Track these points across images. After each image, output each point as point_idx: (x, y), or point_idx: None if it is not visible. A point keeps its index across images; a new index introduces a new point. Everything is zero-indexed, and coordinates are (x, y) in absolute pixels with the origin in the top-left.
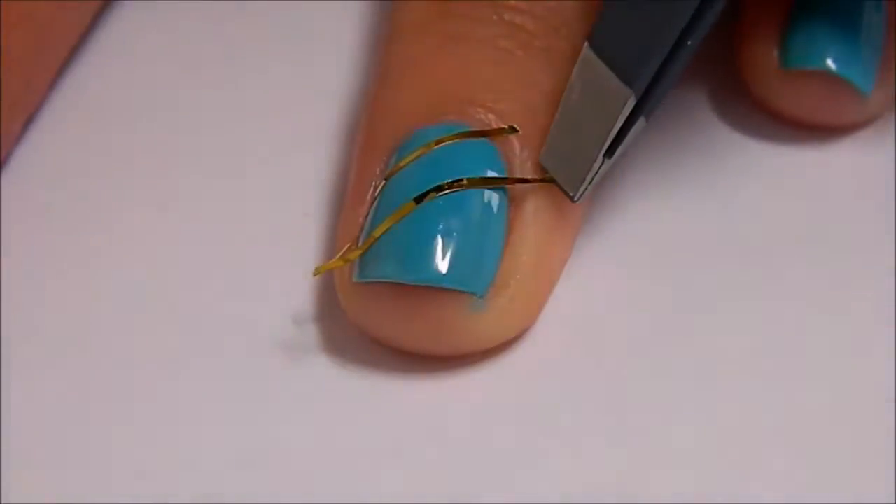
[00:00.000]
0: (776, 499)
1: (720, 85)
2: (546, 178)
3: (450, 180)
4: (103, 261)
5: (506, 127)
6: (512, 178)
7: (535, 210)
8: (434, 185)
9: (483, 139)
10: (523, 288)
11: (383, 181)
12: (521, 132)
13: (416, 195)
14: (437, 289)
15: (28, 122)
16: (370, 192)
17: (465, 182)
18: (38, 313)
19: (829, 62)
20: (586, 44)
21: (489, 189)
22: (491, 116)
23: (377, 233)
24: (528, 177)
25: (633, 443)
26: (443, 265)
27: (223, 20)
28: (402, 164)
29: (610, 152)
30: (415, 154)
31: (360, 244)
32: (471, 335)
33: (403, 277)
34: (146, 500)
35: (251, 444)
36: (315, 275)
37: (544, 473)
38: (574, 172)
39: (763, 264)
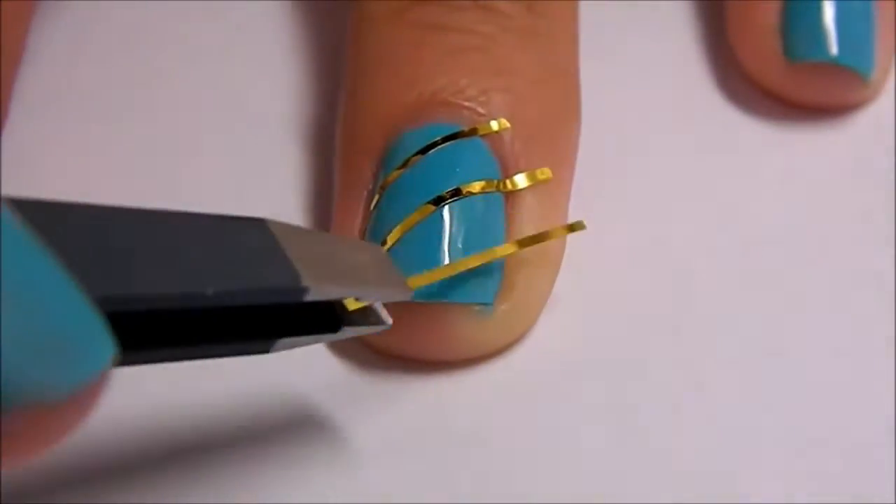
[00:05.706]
0: (776, 499)
1: (722, 73)
2: (544, 180)
3: (449, 190)
4: None
5: (496, 123)
6: (508, 181)
7: (531, 208)
8: (433, 196)
9: (474, 137)
10: (526, 290)
11: (378, 192)
12: (510, 125)
13: (419, 206)
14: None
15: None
16: (363, 203)
17: (462, 190)
18: None
19: (834, 53)
20: None
21: (486, 192)
22: (480, 111)
23: (387, 246)
24: (522, 170)
25: (633, 443)
26: (451, 280)
27: (204, 20)
28: (396, 174)
29: None
30: (409, 162)
31: None
32: (477, 343)
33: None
34: (146, 500)
35: (251, 445)
36: None
37: (544, 473)
38: None
39: (763, 264)
